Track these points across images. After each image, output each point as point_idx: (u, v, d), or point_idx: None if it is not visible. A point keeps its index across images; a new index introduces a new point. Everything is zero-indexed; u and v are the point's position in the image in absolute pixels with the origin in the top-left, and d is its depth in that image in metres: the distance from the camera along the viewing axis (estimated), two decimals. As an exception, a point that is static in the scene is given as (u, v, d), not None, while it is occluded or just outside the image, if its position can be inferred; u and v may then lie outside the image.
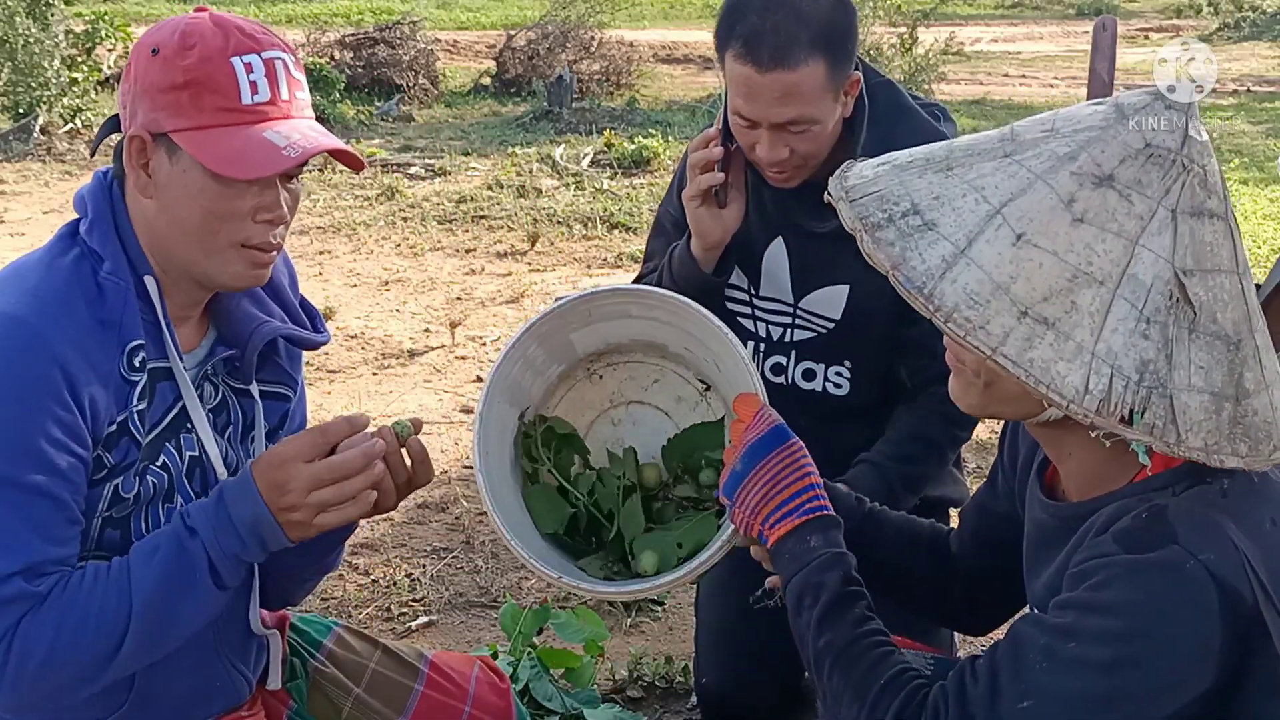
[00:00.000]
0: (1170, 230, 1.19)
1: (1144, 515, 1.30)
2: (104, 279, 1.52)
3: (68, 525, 1.48)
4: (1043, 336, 1.18)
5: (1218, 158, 5.33)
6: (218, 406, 1.67)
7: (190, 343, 1.63)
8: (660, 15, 17.80)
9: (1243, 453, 1.20)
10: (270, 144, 1.48)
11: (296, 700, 1.84)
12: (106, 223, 1.54)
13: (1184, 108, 1.26)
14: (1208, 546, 1.25)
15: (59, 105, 9.27)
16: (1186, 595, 1.24)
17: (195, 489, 1.63)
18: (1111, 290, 1.18)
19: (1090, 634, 1.27)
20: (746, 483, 1.58)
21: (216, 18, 1.53)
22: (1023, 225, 1.22)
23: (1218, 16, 18.16)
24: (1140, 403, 1.17)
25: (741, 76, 2.00)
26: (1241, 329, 1.22)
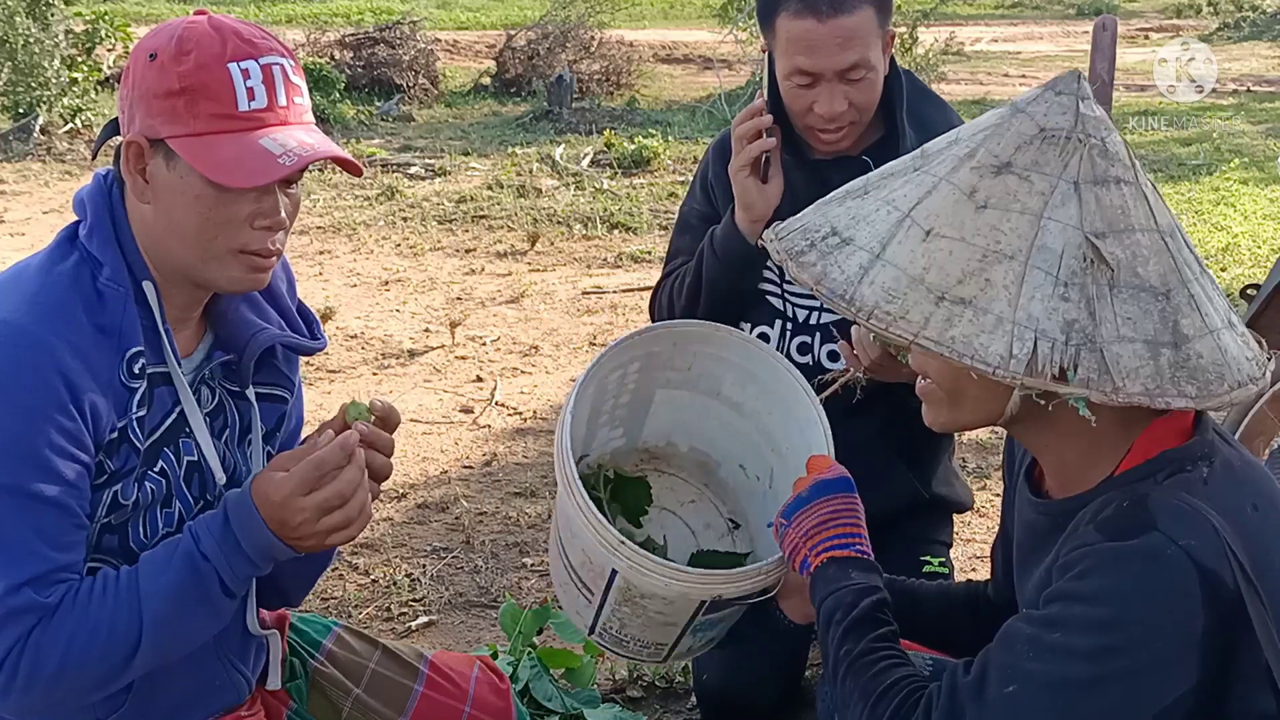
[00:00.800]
0: (1075, 200, 1.27)
1: (1125, 504, 1.32)
2: (103, 285, 1.52)
3: (75, 531, 1.48)
4: (961, 315, 1.25)
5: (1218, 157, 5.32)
6: (215, 410, 1.67)
7: (188, 347, 1.63)
8: (660, 15, 17.80)
9: (1190, 393, 1.24)
10: (266, 152, 1.48)
11: (296, 700, 1.84)
12: (105, 227, 1.54)
13: (1074, 90, 1.32)
14: (1188, 532, 1.27)
15: (59, 105, 9.27)
16: (1168, 581, 1.26)
17: (194, 494, 1.63)
18: (1024, 262, 1.25)
19: (1074, 622, 1.29)
20: (810, 508, 1.64)
21: (215, 21, 1.52)
22: (930, 222, 1.30)
23: (1218, 16, 18.15)
24: (1070, 359, 1.23)
25: (801, 31, 2.08)
26: (1169, 279, 1.27)
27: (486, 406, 4.50)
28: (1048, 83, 1.36)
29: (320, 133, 1.56)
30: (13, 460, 1.42)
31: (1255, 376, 1.30)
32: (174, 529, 1.61)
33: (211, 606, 1.53)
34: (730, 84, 11.87)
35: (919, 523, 2.38)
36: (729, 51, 13.03)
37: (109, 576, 1.50)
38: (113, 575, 1.50)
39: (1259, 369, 1.31)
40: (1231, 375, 1.27)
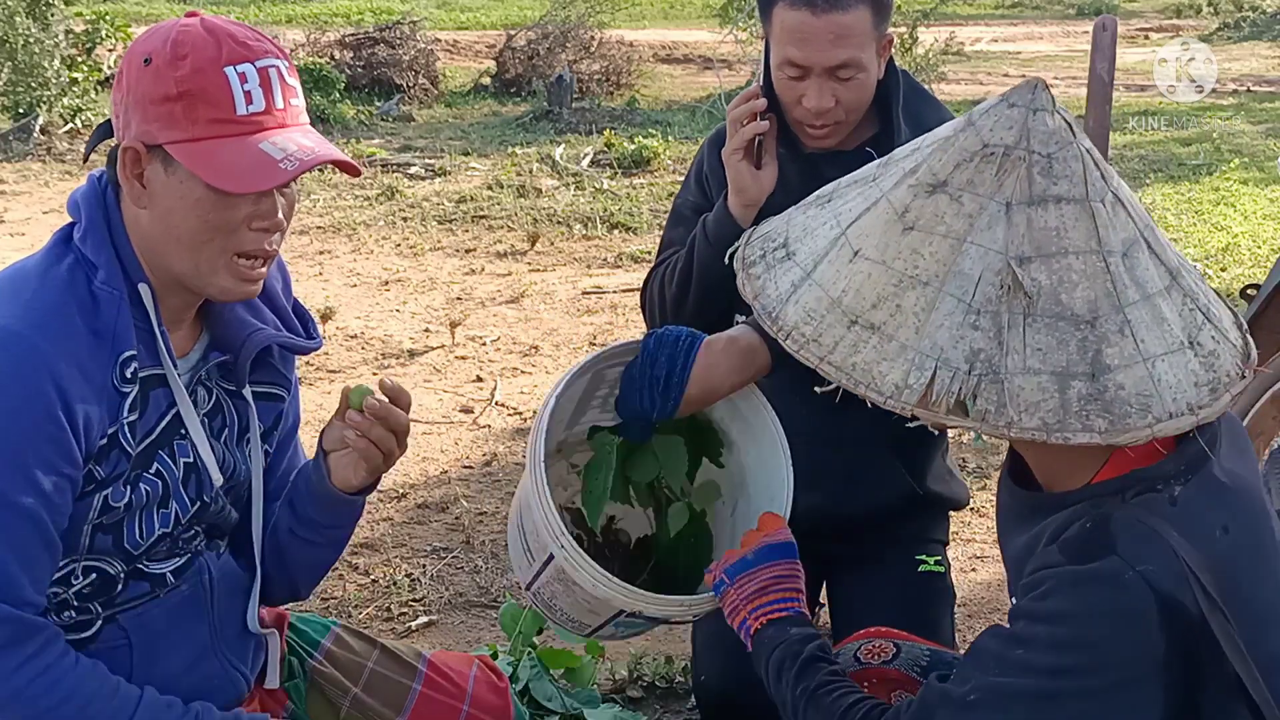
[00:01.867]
0: (1003, 222, 1.23)
1: (1088, 525, 1.32)
2: (98, 288, 1.51)
3: (42, 547, 1.48)
4: (867, 341, 1.25)
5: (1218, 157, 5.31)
6: (212, 410, 1.67)
7: (183, 348, 1.63)
8: (660, 15, 17.79)
9: (1099, 428, 1.20)
10: (267, 156, 1.47)
11: (294, 700, 1.84)
12: (100, 230, 1.53)
13: (1026, 103, 1.27)
14: (1147, 557, 1.26)
15: (59, 105, 9.27)
16: (1125, 605, 1.26)
17: (190, 495, 1.63)
18: (937, 289, 1.23)
19: (1036, 641, 1.30)
20: (753, 572, 1.69)
21: (208, 24, 1.51)
22: (860, 242, 1.29)
23: (1218, 16, 18.15)
24: (970, 390, 1.20)
25: (795, 22, 2.08)
26: (1099, 306, 1.22)
27: (486, 406, 4.50)
28: (1005, 93, 1.31)
29: (317, 134, 1.56)
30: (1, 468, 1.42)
31: (1198, 404, 1.23)
32: (170, 529, 1.61)
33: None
34: (730, 84, 11.86)
35: (915, 521, 2.38)
36: (729, 51, 13.03)
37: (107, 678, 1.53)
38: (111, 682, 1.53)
39: (1210, 395, 1.25)
40: (1160, 406, 1.22)
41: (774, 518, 1.81)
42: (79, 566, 1.55)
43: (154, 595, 1.63)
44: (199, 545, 1.70)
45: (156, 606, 1.63)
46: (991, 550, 3.49)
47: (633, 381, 1.91)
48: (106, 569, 1.58)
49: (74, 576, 1.55)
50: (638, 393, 1.90)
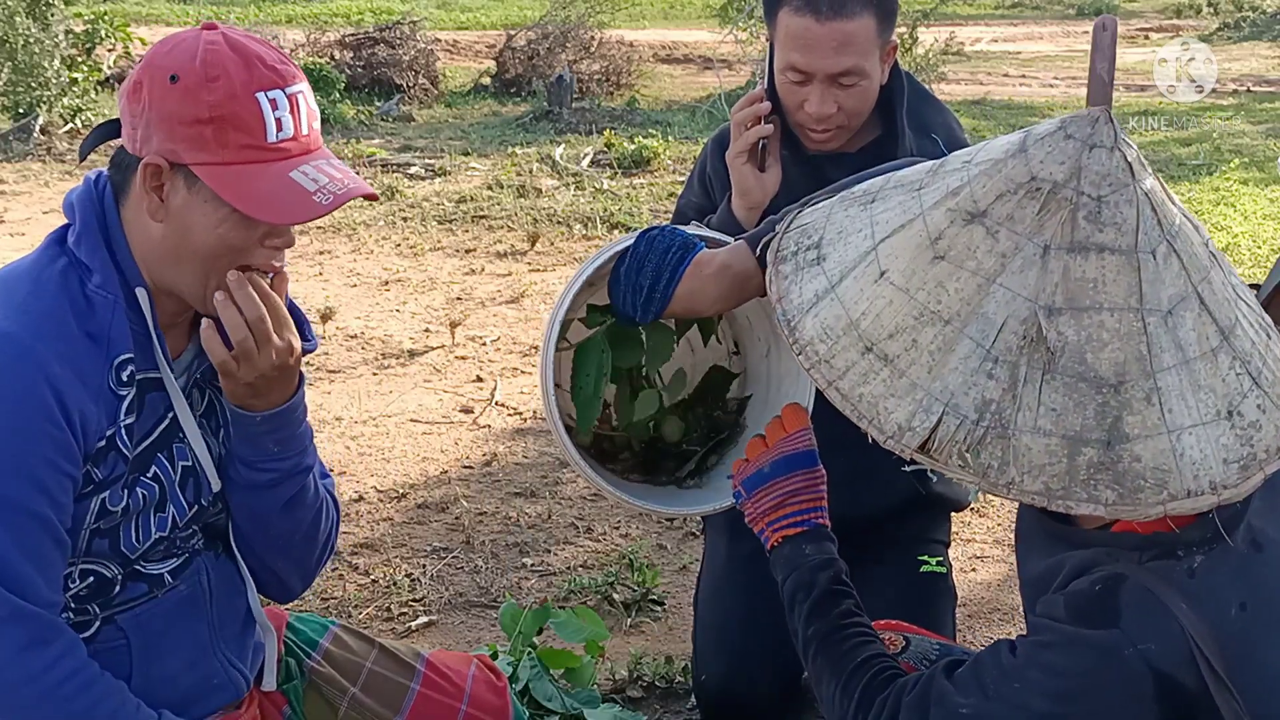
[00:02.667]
0: (1037, 267, 1.14)
1: (1098, 587, 1.26)
2: (92, 292, 1.51)
3: (53, 547, 1.48)
4: (878, 373, 1.19)
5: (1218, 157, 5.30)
6: (207, 411, 1.67)
7: (176, 348, 1.63)
8: (660, 15, 17.79)
9: (1107, 499, 1.13)
10: (300, 188, 1.50)
11: (293, 700, 1.84)
12: (95, 234, 1.53)
13: (1084, 136, 1.18)
14: (1150, 635, 1.22)
15: (59, 105, 9.27)
16: (1120, 680, 1.24)
17: (188, 499, 1.63)
18: (957, 329, 1.16)
19: (1032, 684, 1.30)
20: (769, 486, 1.66)
21: (234, 43, 1.51)
22: (888, 263, 1.22)
23: (1218, 16, 18.15)
24: (975, 442, 1.14)
25: (799, 28, 2.08)
26: (1128, 370, 1.14)
27: (486, 406, 4.50)
28: (1066, 119, 1.22)
29: (339, 161, 1.58)
30: (2, 471, 1.42)
31: (1223, 484, 1.15)
32: (166, 533, 1.61)
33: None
34: (730, 84, 11.86)
35: (916, 521, 2.38)
36: (729, 51, 13.03)
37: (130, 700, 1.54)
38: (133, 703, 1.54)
39: (1240, 474, 1.16)
40: (1178, 483, 1.14)
41: (797, 412, 1.71)
42: (76, 570, 1.55)
43: (152, 595, 1.63)
44: (196, 545, 1.70)
45: (155, 606, 1.63)
46: (992, 550, 3.49)
47: (618, 282, 1.84)
48: (103, 572, 1.58)
49: (71, 579, 1.55)
50: (621, 294, 1.83)
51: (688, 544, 3.46)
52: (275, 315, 1.57)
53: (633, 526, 3.58)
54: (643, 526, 3.58)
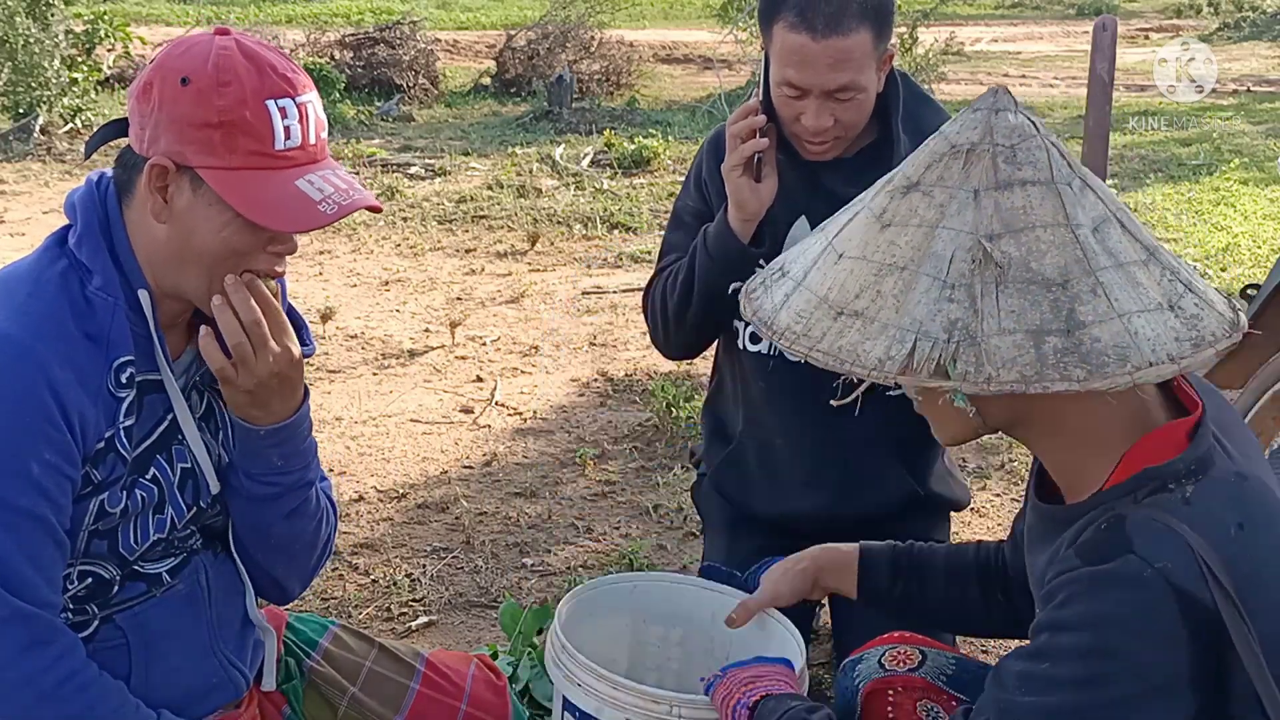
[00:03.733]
0: (972, 207, 1.31)
1: (1103, 526, 1.33)
2: (93, 294, 1.51)
3: (54, 548, 1.48)
4: (852, 326, 1.33)
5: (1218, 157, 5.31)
6: (205, 414, 1.67)
7: (176, 350, 1.63)
8: (660, 15, 17.80)
9: (1078, 376, 1.24)
10: (306, 197, 1.50)
11: (292, 700, 1.84)
12: (96, 235, 1.54)
13: (989, 105, 1.37)
14: (1164, 554, 1.27)
15: (59, 105, 9.27)
16: (1145, 603, 1.26)
17: (187, 501, 1.63)
18: (914, 271, 1.31)
19: (1059, 652, 1.30)
20: (746, 667, 1.70)
21: (247, 50, 1.51)
22: (843, 246, 1.39)
23: (1218, 16, 18.16)
24: (950, 356, 1.27)
25: (795, 45, 2.07)
26: (1070, 270, 1.28)
27: (486, 406, 4.50)
28: (972, 102, 1.40)
29: (344, 170, 1.58)
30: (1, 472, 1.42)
31: (1179, 355, 1.26)
32: (165, 535, 1.61)
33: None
34: (730, 84, 11.87)
35: (915, 522, 2.38)
36: (729, 51, 13.03)
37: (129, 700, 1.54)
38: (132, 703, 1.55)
39: (1192, 348, 1.28)
40: (1139, 356, 1.25)
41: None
42: (74, 571, 1.55)
43: (150, 595, 1.63)
44: (194, 545, 1.70)
45: (154, 606, 1.63)
46: (991, 550, 3.49)
47: None
48: (101, 573, 1.58)
49: (69, 580, 1.55)
50: None
51: (688, 544, 3.46)
52: (273, 321, 1.57)
53: (633, 526, 3.58)
54: (642, 526, 3.58)
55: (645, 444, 4.15)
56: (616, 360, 4.96)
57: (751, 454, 2.44)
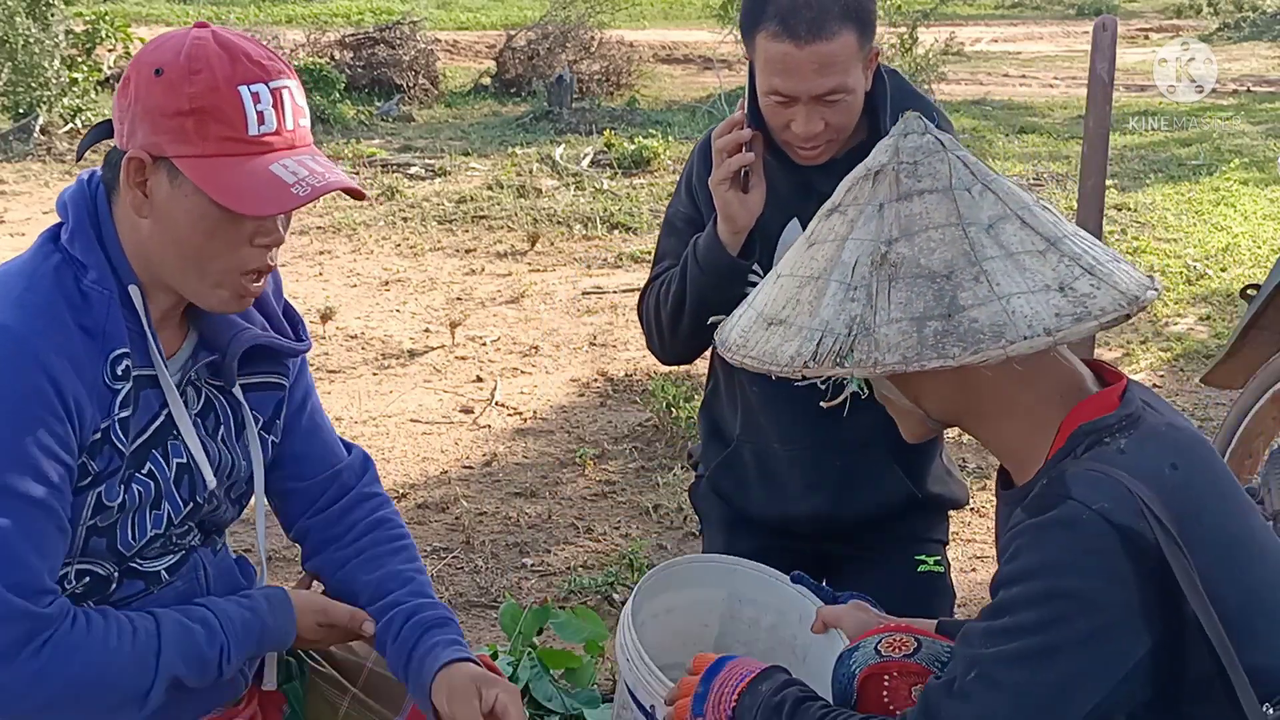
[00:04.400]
0: (876, 218, 1.46)
1: (1045, 483, 1.43)
2: (88, 287, 1.52)
3: (56, 535, 1.48)
4: (776, 332, 1.49)
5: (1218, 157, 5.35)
6: (204, 409, 1.67)
7: (172, 347, 1.63)
8: (660, 15, 17.80)
9: (953, 354, 1.36)
10: (279, 180, 1.48)
11: (292, 700, 1.84)
12: (87, 231, 1.54)
13: (899, 130, 1.51)
14: (1101, 496, 1.37)
15: (59, 105, 9.27)
16: (1088, 542, 1.35)
17: (183, 496, 1.63)
18: (825, 279, 1.47)
19: (1015, 602, 1.38)
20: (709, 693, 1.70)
21: (221, 39, 1.51)
22: (781, 268, 1.57)
23: (1218, 16, 18.15)
24: (848, 348, 1.41)
25: (779, 54, 2.06)
26: (955, 263, 1.41)
27: (486, 406, 4.50)
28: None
29: (324, 158, 1.57)
30: (3, 461, 1.42)
31: (1055, 329, 1.36)
32: (162, 530, 1.61)
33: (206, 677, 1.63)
34: (730, 84, 11.87)
35: (913, 521, 2.38)
36: (729, 51, 13.03)
37: (123, 624, 1.54)
38: (128, 625, 1.54)
39: (1072, 322, 1.37)
40: (1014, 332, 1.36)
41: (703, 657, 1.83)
42: (72, 570, 1.55)
43: (148, 592, 1.63)
44: (193, 541, 1.70)
45: (151, 602, 1.63)
46: (991, 550, 3.49)
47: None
48: (98, 570, 1.58)
49: (67, 580, 1.55)
50: None
51: (687, 544, 3.46)
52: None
53: (633, 526, 3.58)
54: (642, 526, 3.58)
55: (645, 444, 4.15)
56: (616, 360, 4.96)
57: (749, 456, 2.44)
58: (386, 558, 1.81)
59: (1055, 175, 8.45)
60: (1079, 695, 1.36)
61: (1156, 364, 5.00)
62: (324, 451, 1.85)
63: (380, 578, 1.79)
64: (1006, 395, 1.49)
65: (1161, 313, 5.61)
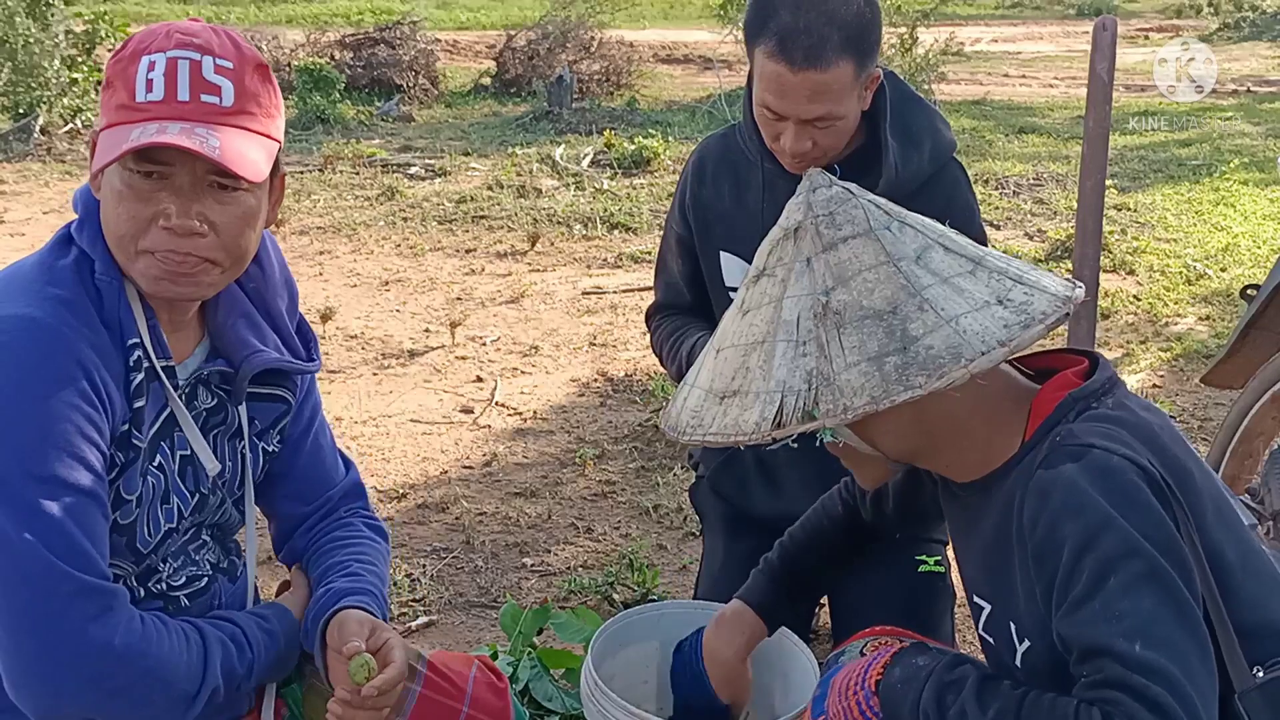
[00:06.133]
0: (807, 273, 1.47)
1: (1058, 439, 1.46)
2: (99, 279, 1.53)
3: (102, 521, 1.49)
4: (732, 404, 1.47)
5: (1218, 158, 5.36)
6: (216, 407, 1.68)
7: (183, 352, 1.63)
8: (660, 15, 17.80)
9: (919, 384, 1.37)
10: (126, 140, 1.43)
11: (291, 704, 1.84)
12: (94, 223, 1.55)
13: (806, 187, 1.53)
14: (1118, 445, 1.43)
15: (59, 105, 9.28)
16: (1125, 481, 1.40)
17: (189, 488, 1.64)
18: (771, 341, 1.47)
19: (1110, 558, 1.36)
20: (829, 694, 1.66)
21: (189, 22, 1.52)
22: (718, 342, 1.56)
23: (1218, 16, 18.16)
24: (812, 401, 1.41)
25: (773, 74, 2.05)
26: (897, 298, 1.43)
27: (486, 406, 4.50)
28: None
29: (240, 141, 1.47)
30: (44, 451, 1.42)
31: (1008, 339, 1.39)
32: (174, 525, 1.62)
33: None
34: (730, 84, 11.87)
35: (912, 521, 2.38)
36: (729, 51, 13.04)
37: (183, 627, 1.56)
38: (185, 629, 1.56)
39: (1021, 329, 1.40)
40: (971, 350, 1.38)
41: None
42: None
43: (165, 609, 1.64)
44: (210, 558, 1.70)
45: None
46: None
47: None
48: (118, 573, 1.59)
49: None
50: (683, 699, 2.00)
51: (688, 544, 3.46)
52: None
53: (633, 526, 3.58)
54: (642, 526, 3.59)
55: (645, 444, 4.15)
56: (616, 360, 4.96)
57: (749, 457, 2.45)
58: (337, 551, 1.81)
59: (1055, 175, 8.45)
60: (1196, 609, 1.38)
61: (1156, 364, 5.00)
62: (322, 473, 1.86)
63: (324, 569, 1.79)
64: (962, 416, 1.52)
65: (1161, 313, 5.61)
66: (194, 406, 1.64)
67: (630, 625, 2.15)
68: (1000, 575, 1.53)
